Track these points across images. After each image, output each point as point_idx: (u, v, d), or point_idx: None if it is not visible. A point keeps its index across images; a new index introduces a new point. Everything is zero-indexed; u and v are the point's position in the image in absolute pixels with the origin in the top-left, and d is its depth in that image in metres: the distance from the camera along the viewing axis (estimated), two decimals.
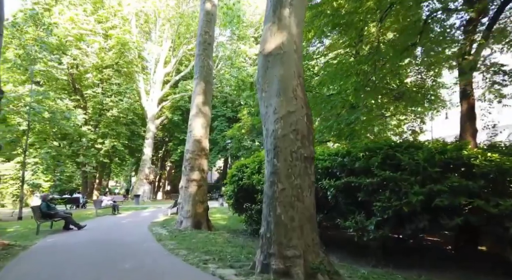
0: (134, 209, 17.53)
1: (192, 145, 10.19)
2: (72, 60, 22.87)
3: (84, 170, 24.86)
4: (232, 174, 8.97)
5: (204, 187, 10.28)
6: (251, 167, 8.35)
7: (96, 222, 11.78)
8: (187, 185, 10.05)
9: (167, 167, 39.85)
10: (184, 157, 10.47)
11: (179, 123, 31.45)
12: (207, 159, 10.47)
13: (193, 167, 10.09)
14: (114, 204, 15.08)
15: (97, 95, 24.16)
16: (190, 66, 30.75)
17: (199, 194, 10.03)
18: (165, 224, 11.09)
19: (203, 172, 10.23)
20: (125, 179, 53.94)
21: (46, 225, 9.53)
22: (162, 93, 29.96)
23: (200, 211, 9.94)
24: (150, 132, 29.21)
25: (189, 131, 10.49)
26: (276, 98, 4.91)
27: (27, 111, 13.19)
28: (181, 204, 10.10)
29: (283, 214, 4.51)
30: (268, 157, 4.90)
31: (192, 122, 10.34)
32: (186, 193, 10.02)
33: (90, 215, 14.33)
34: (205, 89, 10.44)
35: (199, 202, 9.98)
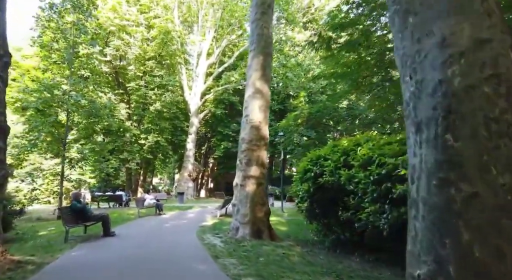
0: (178, 209, 16.04)
1: (249, 133, 8.14)
2: (114, 51, 22.12)
3: (128, 166, 24.14)
4: (305, 168, 6.76)
5: (264, 185, 8.20)
6: (333, 159, 6.08)
7: (137, 225, 10.22)
8: (243, 183, 8.04)
9: (209, 163, 38.69)
10: (238, 148, 8.47)
11: (222, 117, 29.93)
12: (267, 150, 8.37)
13: (251, 160, 8.04)
14: (158, 203, 13.60)
15: (140, 88, 23.25)
16: (234, 56, 29.05)
17: (259, 194, 7.96)
18: (216, 230, 9.20)
19: (263, 167, 8.14)
20: (169, 176, 54.19)
21: (79, 231, 8.05)
22: (205, 86, 28.58)
23: (260, 215, 7.88)
24: (193, 126, 27.96)
25: (244, 116, 8.46)
26: (444, 18, 2.60)
27: (64, 100, 12.08)
28: (236, 206, 8.11)
29: (478, 244, 2.21)
30: (424, 133, 2.60)
31: (248, 104, 8.29)
32: (242, 192, 8.01)
33: (132, 215, 12.94)
34: (264, 63, 8.33)
35: (258, 204, 7.92)
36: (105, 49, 21.97)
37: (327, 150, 6.69)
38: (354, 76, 10.71)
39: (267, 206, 8.12)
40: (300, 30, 26.80)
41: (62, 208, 7.05)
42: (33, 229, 8.97)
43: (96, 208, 17.28)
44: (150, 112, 24.59)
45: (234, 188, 8.35)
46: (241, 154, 8.24)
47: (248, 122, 8.18)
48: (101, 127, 23.33)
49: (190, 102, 28.19)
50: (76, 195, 7.72)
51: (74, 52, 12.49)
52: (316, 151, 7.04)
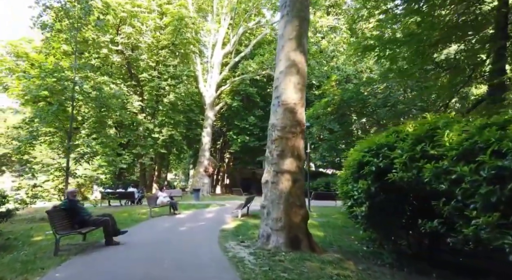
0: (194, 207, 14.67)
1: (282, 118, 6.56)
2: (126, 40, 20.87)
3: (141, 161, 22.98)
4: (361, 161, 5.12)
5: (302, 182, 6.62)
6: (405, 147, 4.44)
7: (148, 228, 8.82)
8: (275, 180, 6.48)
9: (225, 159, 37.35)
10: (268, 137, 6.89)
11: (239, 110, 28.42)
12: (304, 138, 6.77)
13: (284, 151, 6.46)
14: (172, 201, 12.24)
15: (153, 79, 21.95)
16: (251, 45, 27.41)
17: (295, 193, 6.39)
18: (241, 235, 7.70)
19: (300, 159, 6.55)
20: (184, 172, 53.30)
21: (78, 237, 6.68)
22: (220, 77, 27.11)
23: (297, 220, 6.31)
24: (209, 119, 26.59)
25: (274, 97, 6.86)
26: None
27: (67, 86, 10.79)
28: (266, 208, 6.57)
29: None
30: None
31: (280, 82, 6.69)
32: (273, 191, 6.46)
33: (144, 215, 11.62)
34: (299, 30, 6.69)
35: (295, 205, 6.36)
36: (116, 37, 20.72)
37: (388, 137, 5.05)
38: (421, 41, 8.97)
39: (305, 208, 6.54)
40: (322, 15, 24.90)
41: (50, 211, 5.63)
42: (28, 234, 7.69)
43: (107, 206, 16.15)
44: (164, 105, 23.32)
45: (263, 185, 6.80)
46: (271, 144, 6.67)
47: (281, 104, 6.59)
48: (114, 121, 22.30)
49: (205, 94, 26.83)
50: (73, 193, 6.33)
51: (78, 32, 11.18)
52: (374, 138, 5.39)
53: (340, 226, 9.70)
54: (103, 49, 20.40)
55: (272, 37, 28.93)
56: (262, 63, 24.65)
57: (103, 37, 20.22)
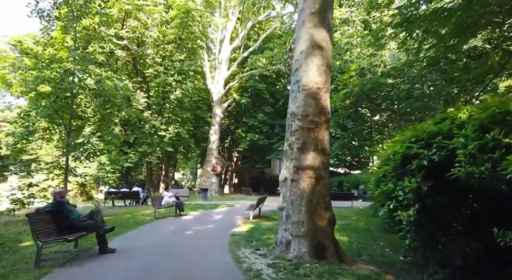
0: (202, 208, 13.80)
1: (303, 105, 5.60)
2: (131, 34, 20.12)
3: (147, 160, 22.22)
4: (408, 153, 4.13)
5: (327, 180, 5.66)
6: (469, 135, 3.47)
7: (151, 232, 7.96)
8: (295, 177, 5.54)
9: (233, 157, 36.46)
10: (287, 127, 5.94)
11: (247, 107, 27.51)
12: (328, 129, 5.81)
13: (306, 144, 5.51)
14: (178, 202, 11.39)
15: (159, 75, 21.16)
16: (260, 39, 26.45)
17: (319, 193, 5.44)
18: (254, 240, 6.76)
19: (324, 154, 5.59)
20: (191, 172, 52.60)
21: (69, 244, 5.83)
22: (228, 72, 26.22)
23: (322, 224, 5.36)
24: (217, 117, 25.73)
25: (294, 81, 5.90)
26: None
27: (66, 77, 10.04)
28: (285, 211, 5.63)
29: None
30: None
31: (301, 64, 5.73)
32: (294, 190, 5.52)
33: (148, 216, 10.79)
34: (323, 2, 5.74)
35: (319, 207, 5.41)
36: (121, 31, 19.98)
37: (441, 124, 4.06)
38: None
39: (331, 210, 5.58)
40: (334, 6, 23.87)
41: (31, 214, 4.78)
42: (18, 238, 6.88)
43: (111, 207, 15.40)
44: (170, 101, 22.53)
45: (280, 184, 5.87)
46: (291, 136, 5.73)
47: (301, 89, 5.63)
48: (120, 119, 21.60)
49: (213, 91, 25.98)
50: (60, 193, 5.47)
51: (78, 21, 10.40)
52: (419, 126, 4.40)
53: (364, 230, 8.71)
54: (108, 43, 19.69)
55: (282, 31, 27.95)
56: (272, 57, 23.68)
57: (108, 31, 19.54)
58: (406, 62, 11.04)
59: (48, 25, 10.98)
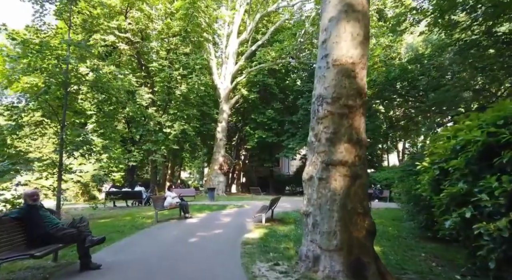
0: (208, 209, 12.75)
1: (334, 85, 4.46)
2: (134, 25, 19.16)
3: (151, 158, 21.26)
4: (489, 142, 2.98)
5: (365, 179, 4.52)
6: None
7: (149, 239, 6.91)
8: (323, 175, 4.40)
9: (241, 156, 35.39)
10: (312, 114, 4.80)
11: (256, 103, 26.44)
12: (365, 115, 4.67)
13: (337, 134, 4.38)
14: (182, 203, 10.35)
15: (163, 69, 20.16)
16: (269, 32, 25.29)
17: (356, 195, 4.31)
18: (271, 250, 5.65)
19: (361, 146, 4.46)
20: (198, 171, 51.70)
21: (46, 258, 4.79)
22: (236, 67, 25.15)
23: (360, 235, 4.24)
24: (224, 113, 24.69)
25: (321, 56, 4.75)
26: None
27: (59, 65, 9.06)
28: (311, 217, 4.51)
29: None
30: None
31: (331, 33, 4.58)
32: (322, 192, 4.39)
33: (149, 219, 9.76)
34: None
35: (356, 214, 4.28)
36: (124, 23, 19.04)
37: None
38: None
39: (370, 217, 4.45)
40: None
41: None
42: None
43: (112, 208, 14.46)
44: (175, 97, 21.53)
45: (305, 184, 4.75)
46: (317, 125, 4.60)
47: (332, 64, 4.50)
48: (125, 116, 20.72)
49: (220, 87, 24.94)
50: (32, 195, 4.42)
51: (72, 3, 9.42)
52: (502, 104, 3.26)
53: (395, 236, 7.57)
54: (110, 35, 18.78)
55: (291, 24, 26.75)
56: (282, 50, 22.51)
57: (110, 23, 18.63)
58: (438, 45, 9.82)
59: (41, 10, 10.03)
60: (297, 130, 25.18)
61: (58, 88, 10.12)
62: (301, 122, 24.90)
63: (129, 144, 21.59)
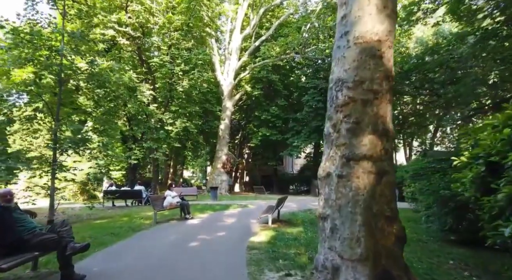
0: (211, 209, 12.15)
1: (356, 66, 3.81)
2: (134, 19, 18.56)
3: (153, 156, 20.66)
4: None
5: (392, 176, 3.88)
6: None
7: (145, 243, 6.29)
8: (344, 172, 3.75)
9: (244, 154, 34.77)
10: (329, 101, 4.16)
11: (260, 100, 25.79)
12: (392, 102, 4.03)
13: (360, 123, 3.73)
14: (183, 202, 9.75)
15: (164, 64, 19.54)
16: (273, 27, 24.62)
17: (382, 195, 3.66)
18: (280, 257, 5.02)
19: (388, 138, 3.81)
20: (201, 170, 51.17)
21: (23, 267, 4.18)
22: (239, 63, 24.51)
23: (387, 243, 3.58)
24: (227, 111, 24.08)
25: (340, 34, 4.08)
26: None
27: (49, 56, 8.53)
28: (329, 221, 3.86)
29: None
30: None
31: (352, 7, 3.91)
32: (342, 192, 3.74)
33: (147, 220, 9.17)
34: None
35: (383, 217, 3.63)
36: (124, 17, 18.44)
37: None
38: None
39: (399, 221, 3.81)
40: None
41: None
42: None
43: (110, 207, 13.91)
44: (177, 94, 20.92)
45: (320, 182, 4.11)
46: (336, 113, 3.95)
47: (354, 43, 3.86)
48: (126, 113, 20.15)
49: (223, 83, 24.34)
50: (5, 195, 3.83)
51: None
52: None
53: (415, 240, 6.90)
54: (109, 30, 18.21)
55: (296, 19, 26.05)
56: (286, 45, 21.83)
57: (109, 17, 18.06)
58: (459, 35, 9.12)
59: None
60: (302, 128, 24.51)
61: (54, 81, 9.58)
62: (306, 120, 24.23)
63: (130, 142, 21.04)
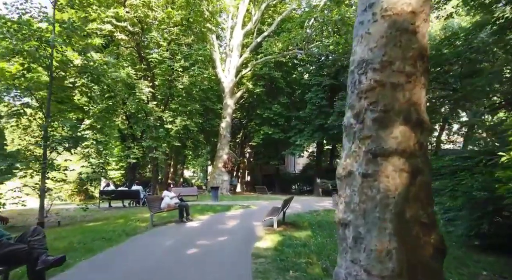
0: (212, 210, 11.55)
1: (384, 43, 3.18)
2: (133, 14, 17.96)
3: (152, 155, 20.06)
4: None
5: (428, 176, 3.28)
6: None
7: (136, 250, 5.68)
8: (369, 170, 3.11)
9: (246, 153, 34.14)
10: (349, 86, 3.53)
11: (261, 97, 25.18)
12: (427, 86, 3.41)
13: (390, 111, 3.08)
14: (182, 203, 9.15)
15: (164, 60, 18.93)
16: (275, 23, 23.97)
17: (416, 198, 3.04)
18: (291, 268, 4.40)
19: (422, 128, 3.20)
20: (202, 170, 50.64)
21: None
22: (241, 60, 23.90)
23: (424, 255, 2.96)
24: (228, 108, 23.47)
25: (363, 7, 3.43)
26: None
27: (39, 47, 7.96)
28: (351, 228, 3.23)
29: None
30: None
31: None
32: (368, 194, 3.09)
33: (144, 223, 8.57)
34: None
35: (418, 224, 2.99)
36: (122, 11, 17.84)
37: None
38: None
39: (437, 229, 3.19)
40: None
41: None
42: None
43: (106, 208, 13.33)
44: (177, 91, 20.33)
45: (340, 182, 3.48)
46: (358, 101, 3.32)
47: (381, 16, 3.24)
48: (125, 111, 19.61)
49: (224, 80, 23.73)
50: None
51: None
52: None
53: None
54: (107, 25, 17.64)
55: (299, 15, 25.39)
56: (289, 40, 21.19)
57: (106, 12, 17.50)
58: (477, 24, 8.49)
59: None
60: (305, 126, 23.91)
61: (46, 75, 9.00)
62: (309, 118, 23.63)
63: (129, 141, 20.50)
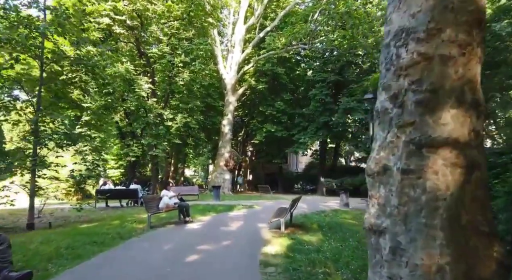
0: (213, 210, 10.95)
1: (430, 5, 2.56)
2: (131, 7, 17.36)
3: (152, 153, 19.47)
4: None
5: (484, 171, 2.67)
6: None
7: (129, 257, 5.06)
8: (411, 165, 2.46)
9: (248, 152, 33.53)
10: (383, 63, 2.93)
11: (264, 94, 24.58)
12: (482, 59, 2.78)
13: (438, 91, 2.45)
14: (182, 204, 8.55)
15: (164, 55, 18.33)
16: (278, 18, 23.31)
17: (473, 199, 2.42)
18: (305, 279, 3.82)
19: (478, 112, 2.58)
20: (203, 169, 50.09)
21: None
22: (243, 55, 23.29)
23: (485, 273, 2.32)
24: (230, 105, 22.87)
25: None
26: None
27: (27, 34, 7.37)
28: (388, 236, 2.62)
29: None
30: None
31: None
32: (410, 194, 2.46)
33: (141, 224, 7.96)
34: None
35: (475, 232, 2.38)
36: (120, 3, 17.25)
37: None
38: None
39: (498, 237, 2.57)
40: None
41: None
42: None
43: (103, 208, 12.75)
44: (177, 87, 19.74)
45: (371, 180, 2.86)
46: (396, 80, 2.70)
47: None
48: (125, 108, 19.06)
49: (226, 77, 23.13)
50: None
51: None
52: None
53: None
54: (105, 18, 17.06)
55: (302, 9, 24.75)
56: (293, 35, 20.54)
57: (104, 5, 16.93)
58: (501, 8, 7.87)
59: None
60: (309, 124, 23.30)
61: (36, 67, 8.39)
62: (313, 115, 23.03)
63: (128, 138, 19.95)
